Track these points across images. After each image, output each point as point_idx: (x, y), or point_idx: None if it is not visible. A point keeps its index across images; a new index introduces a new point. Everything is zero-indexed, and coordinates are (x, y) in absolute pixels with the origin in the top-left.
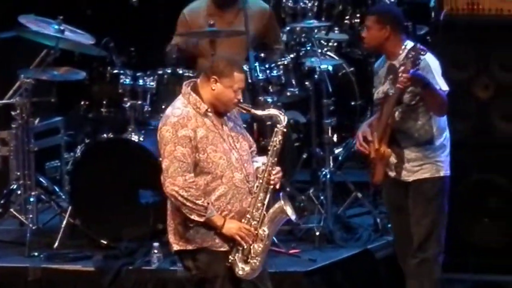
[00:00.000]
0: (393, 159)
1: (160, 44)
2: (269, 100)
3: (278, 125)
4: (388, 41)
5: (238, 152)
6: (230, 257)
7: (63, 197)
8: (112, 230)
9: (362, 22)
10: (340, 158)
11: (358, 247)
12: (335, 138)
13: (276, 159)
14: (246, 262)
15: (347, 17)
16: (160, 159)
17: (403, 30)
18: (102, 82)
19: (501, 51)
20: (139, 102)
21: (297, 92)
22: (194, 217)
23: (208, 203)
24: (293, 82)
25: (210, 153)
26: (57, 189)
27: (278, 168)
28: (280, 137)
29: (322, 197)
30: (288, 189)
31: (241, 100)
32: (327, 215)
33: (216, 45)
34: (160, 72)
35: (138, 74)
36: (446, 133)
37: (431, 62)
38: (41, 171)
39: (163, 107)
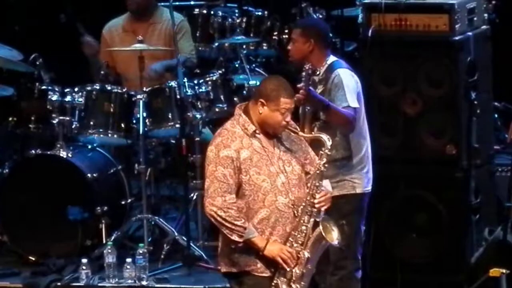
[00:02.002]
0: None
1: (88, 60)
2: (198, 116)
3: (323, 148)
4: (312, 55)
5: (287, 176)
6: (274, 280)
7: None
8: (40, 247)
9: (291, 38)
10: None
11: None
12: None
13: (320, 182)
14: (289, 285)
15: (276, 33)
16: (88, 175)
17: (327, 45)
18: (30, 98)
19: (428, 67)
20: (68, 118)
21: (225, 108)
22: (234, 237)
23: (245, 223)
24: (222, 98)
25: (252, 175)
26: None
27: (324, 191)
28: (324, 159)
29: None
30: None
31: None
32: None
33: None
34: (88, 88)
35: (67, 90)
36: (366, 149)
37: (345, 78)
38: None
39: (91, 123)
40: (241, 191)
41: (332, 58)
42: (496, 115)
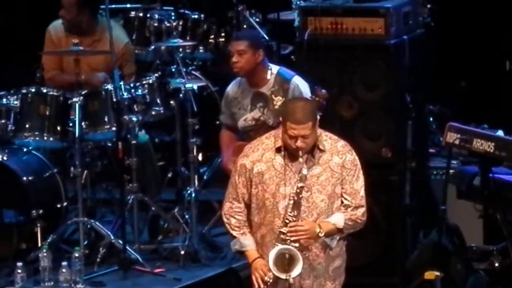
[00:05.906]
0: None
1: (24, 62)
2: (134, 119)
3: (299, 184)
4: (260, 66)
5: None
6: None
7: None
8: None
9: (227, 41)
10: (205, 177)
11: (223, 266)
12: (200, 157)
13: (296, 212)
14: None
15: (212, 36)
16: (24, 178)
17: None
18: None
19: (364, 71)
20: (3, 121)
21: (162, 111)
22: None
23: (242, 235)
24: (158, 101)
25: (260, 191)
26: None
27: (298, 223)
28: (298, 191)
29: (187, 216)
30: (153, 208)
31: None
32: (192, 234)
33: (81, 64)
34: (24, 91)
35: (2, 93)
36: None
37: (301, 85)
38: None
39: (27, 126)
40: (252, 202)
41: (274, 66)
42: (431, 118)
